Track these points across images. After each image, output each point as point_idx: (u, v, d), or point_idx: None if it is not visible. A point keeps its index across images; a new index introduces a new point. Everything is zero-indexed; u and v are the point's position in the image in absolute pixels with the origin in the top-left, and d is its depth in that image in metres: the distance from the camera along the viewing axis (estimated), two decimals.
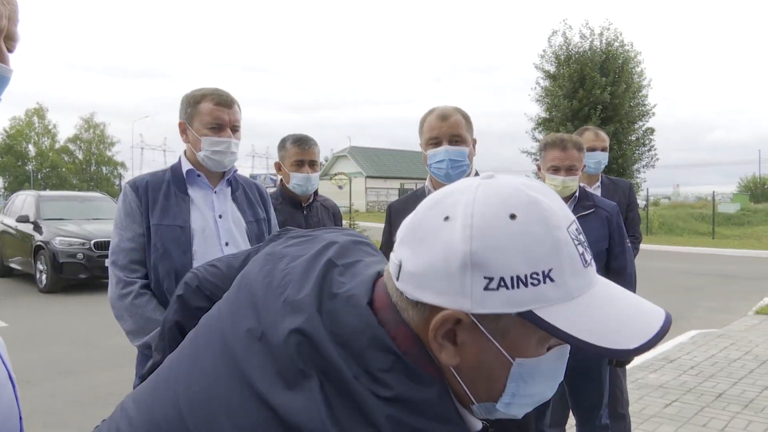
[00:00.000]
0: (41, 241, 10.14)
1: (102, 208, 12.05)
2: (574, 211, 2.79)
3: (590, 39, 25.47)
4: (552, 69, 25.92)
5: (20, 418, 0.84)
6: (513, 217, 0.64)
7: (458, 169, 2.17)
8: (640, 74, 25.65)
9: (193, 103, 2.13)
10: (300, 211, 2.94)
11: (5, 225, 11.79)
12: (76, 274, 9.85)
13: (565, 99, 24.53)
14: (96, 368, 5.47)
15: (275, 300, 0.72)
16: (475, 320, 0.64)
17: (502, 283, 0.62)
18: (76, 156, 51.86)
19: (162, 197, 2.08)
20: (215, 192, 2.17)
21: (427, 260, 0.65)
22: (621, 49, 25.35)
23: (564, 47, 25.69)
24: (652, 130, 26.18)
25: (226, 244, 2.10)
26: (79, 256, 9.78)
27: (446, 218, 0.66)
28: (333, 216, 3.12)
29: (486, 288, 0.63)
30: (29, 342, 6.54)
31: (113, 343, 6.25)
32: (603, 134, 3.66)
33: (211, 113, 2.10)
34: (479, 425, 0.73)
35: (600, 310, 0.66)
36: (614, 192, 3.58)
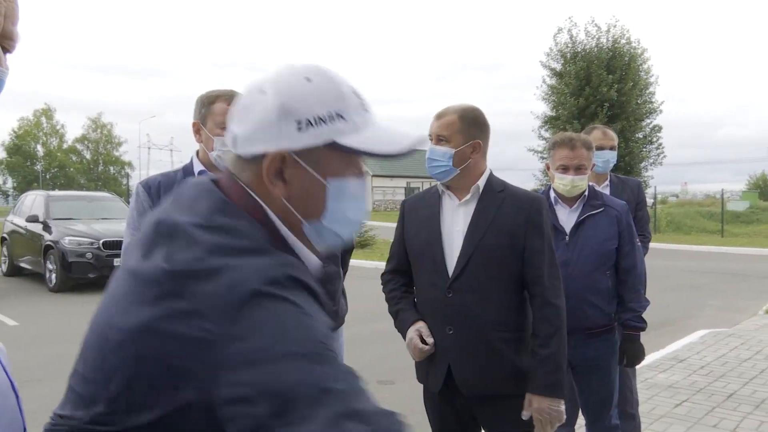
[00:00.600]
0: (50, 240, 10.20)
1: (110, 207, 12.11)
2: (583, 210, 2.77)
3: (596, 36, 25.37)
4: (558, 67, 25.83)
5: (24, 429, 0.83)
6: (308, 79, 0.91)
7: (437, 169, 2.17)
8: (647, 71, 25.53)
9: (207, 103, 2.15)
10: None
11: (15, 225, 11.87)
12: (85, 274, 9.91)
13: (572, 97, 24.44)
14: None
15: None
16: (294, 156, 0.89)
17: (308, 123, 0.88)
18: (84, 156, 52.09)
19: None
20: None
21: (253, 122, 0.89)
22: (628, 46, 25.24)
23: (570, 45, 25.59)
24: (659, 128, 26.05)
25: None
26: (88, 255, 9.84)
27: (262, 92, 0.91)
28: None
29: (298, 129, 0.88)
30: (39, 341, 6.57)
31: None
32: (611, 133, 3.64)
33: (224, 113, 2.10)
34: (316, 260, 0.97)
35: (378, 134, 0.94)
36: (623, 191, 3.56)
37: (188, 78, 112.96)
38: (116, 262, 9.93)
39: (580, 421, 3.09)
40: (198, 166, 2.16)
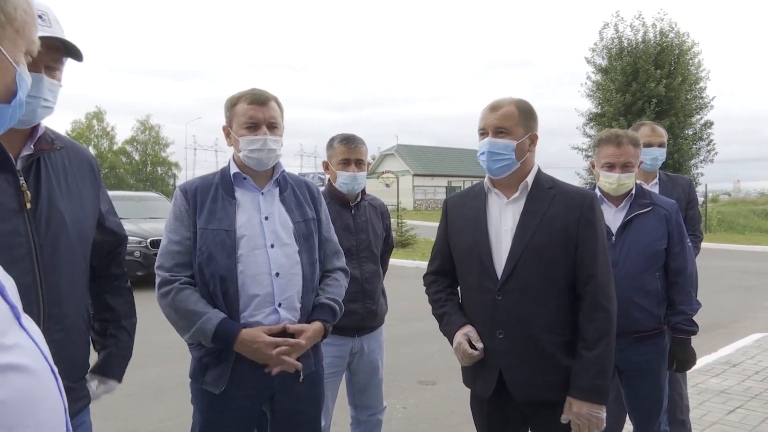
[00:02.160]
0: None
1: (158, 207, 12.43)
2: (631, 209, 2.68)
3: (643, 31, 24.69)
4: (604, 63, 25.26)
5: (65, 410, 0.87)
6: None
7: (498, 163, 2.07)
8: (697, 66, 24.70)
9: (230, 105, 2.16)
10: (348, 210, 2.93)
11: None
12: (134, 272, 10.17)
13: (618, 93, 23.86)
14: (150, 363, 5.63)
15: None
16: None
17: None
18: (133, 157, 53.54)
19: (209, 201, 2.09)
20: (262, 193, 2.15)
21: None
22: (677, 40, 24.47)
23: (616, 40, 24.98)
24: (710, 124, 25.17)
25: (272, 246, 2.08)
26: (137, 254, 10.13)
27: None
28: (381, 215, 3.08)
29: None
30: None
31: (166, 339, 6.42)
32: (660, 129, 3.52)
33: (245, 113, 2.10)
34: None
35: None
36: (673, 189, 3.45)
37: (231, 79, 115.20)
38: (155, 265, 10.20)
39: (628, 426, 3.00)
40: (233, 168, 2.16)
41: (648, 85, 23.35)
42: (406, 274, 10.73)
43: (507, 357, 2.03)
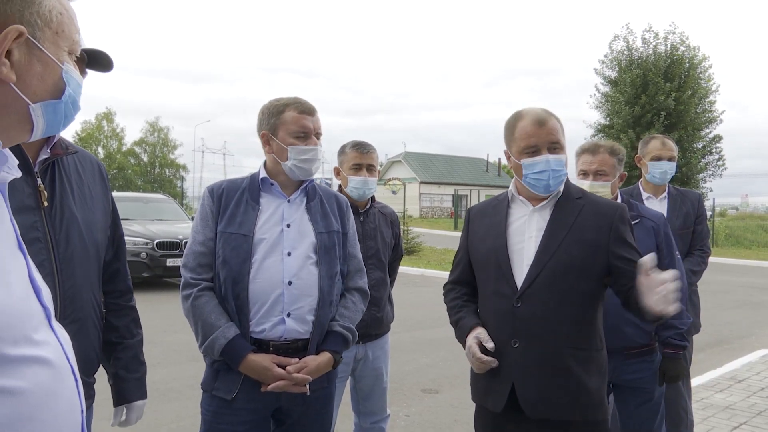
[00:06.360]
0: None
1: (164, 209, 12.46)
2: None
3: (654, 44, 24.68)
4: (613, 75, 25.25)
5: (82, 411, 0.91)
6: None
7: (559, 179, 2.01)
8: (707, 79, 24.67)
9: (276, 113, 2.12)
10: (357, 216, 2.92)
11: None
12: (140, 273, 10.21)
13: (627, 105, 23.83)
14: (156, 364, 5.63)
15: None
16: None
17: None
18: (142, 158, 53.79)
19: (233, 204, 2.09)
20: (288, 201, 2.13)
21: None
22: (687, 53, 24.45)
23: (626, 52, 24.98)
24: (719, 138, 25.11)
25: (288, 254, 2.05)
26: (143, 255, 10.13)
27: None
28: (390, 223, 3.08)
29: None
30: None
31: (173, 340, 6.45)
32: (670, 143, 3.52)
33: (296, 122, 2.09)
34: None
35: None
36: (682, 203, 3.45)
37: (241, 83, 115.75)
38: (169, 262, 10.23)
39: None
40: (263, 174, 2.16)
41: (657, 98, 23.33)
42: (411, 282, 10.67)
43: (521, 368, 1.92)
